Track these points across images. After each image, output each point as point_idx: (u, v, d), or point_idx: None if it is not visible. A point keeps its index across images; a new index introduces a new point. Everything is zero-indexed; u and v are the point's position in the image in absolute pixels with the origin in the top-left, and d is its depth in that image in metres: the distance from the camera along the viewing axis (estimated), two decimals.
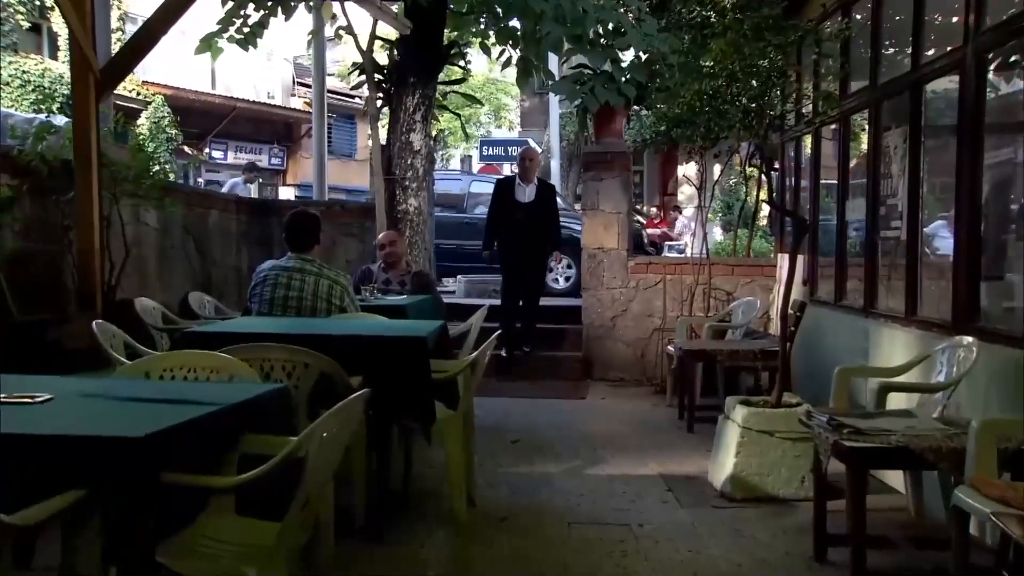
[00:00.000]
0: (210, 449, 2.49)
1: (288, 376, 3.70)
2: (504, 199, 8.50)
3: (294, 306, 4.82)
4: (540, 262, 8.68)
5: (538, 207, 8.37)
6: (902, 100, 5.60)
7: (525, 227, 8.32)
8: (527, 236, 8.33)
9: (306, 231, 4.99)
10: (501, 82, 30.92)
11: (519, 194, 8.41)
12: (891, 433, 3.39)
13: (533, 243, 8.42)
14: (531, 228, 8.34)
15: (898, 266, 5.66)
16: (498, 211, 8.55)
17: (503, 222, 8.45)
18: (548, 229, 8.47)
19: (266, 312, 4.81)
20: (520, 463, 5.51)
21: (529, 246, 8.40)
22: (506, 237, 8.43)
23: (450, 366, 4.54)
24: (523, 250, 8.39)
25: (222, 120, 23.53)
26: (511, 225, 8.37)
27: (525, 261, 8.48)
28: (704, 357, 6.60)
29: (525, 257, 8.45)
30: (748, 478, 4.73)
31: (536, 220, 8.33)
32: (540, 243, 8.47)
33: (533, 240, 8.40)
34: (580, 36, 7.55)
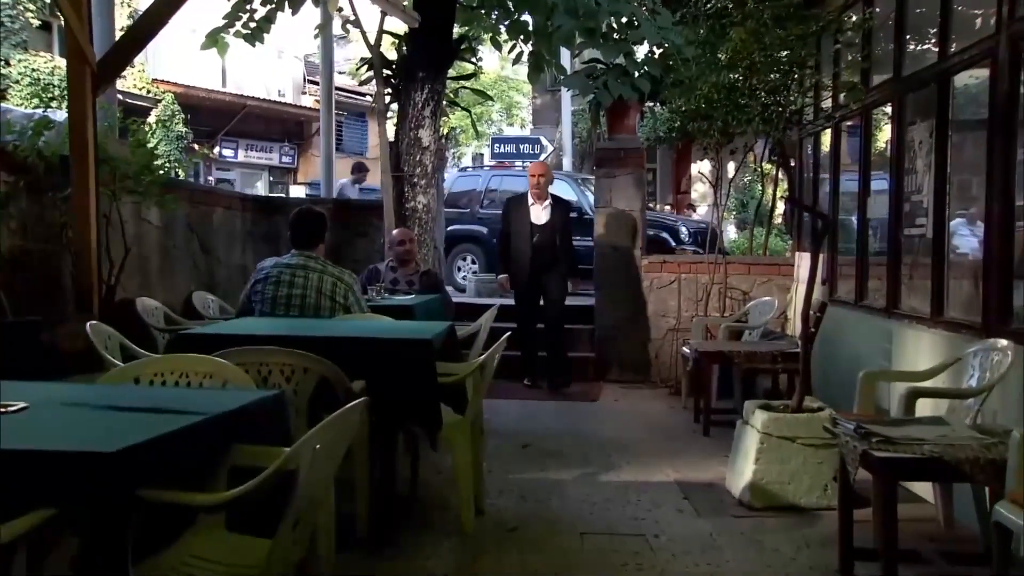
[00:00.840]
0: (197, 462, 2.32)
1: (287, 381, 3.53)
2: (515, 220, 7.89)
3: (297, 304, 4.68)
4: (559, 289, 7.87)
5: (553, 228, 7.78)
6: (928, 93, 5.40)
7: (540, 250, 7.74)
8: (543, 260, 7.74)
9: (311, 229, 4.92)
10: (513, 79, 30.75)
11: (533, 214, 7.82)
12: (923, 442, 3.20)
13: (550, 268, 7.78)
14: (547, 251, 7.75)
15: (923, 265, 5.45)
16: (509, 233, 7.95)
17: (515, 246, 7.87)
18: (562, 251, 7.82)
19: (268, 311, 4.66)
20: (531, 469, 5.33)
21: (545, 271, 7.79)
22: (519, 262, 7.83)
23: (458, 369, 4.37)
24: (538, 276, 7.79)
25: (232, 118, 23.41)
26: (524, 249, 7.78)
27: (542, 288, 7.86)
28: (721, 359, 6.40)
29: (541, 284, 7.83)
30: (768, 486, 4.53)
31: (552, 241, 7.74)
32: (558, 268, 7.80)
33: (550, 264, 7.77)
34: (593, 30, 7.36)
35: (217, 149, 23.97)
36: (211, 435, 2.37)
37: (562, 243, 7.80)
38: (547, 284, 7.81)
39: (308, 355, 3.52)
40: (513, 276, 7.93)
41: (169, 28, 5.86)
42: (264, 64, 25.65)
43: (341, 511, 3.63)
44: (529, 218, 7.78)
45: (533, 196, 7.85)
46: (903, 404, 3.76)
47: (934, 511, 4.15)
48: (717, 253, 8.19)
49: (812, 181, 7.85)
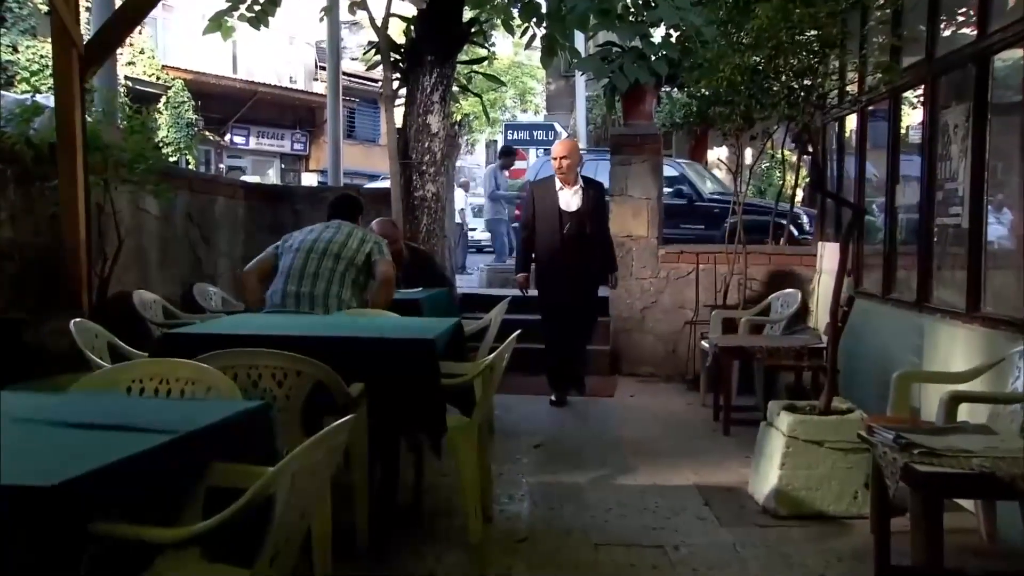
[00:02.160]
0: (166, 486, 2.08)
1: (278, 385, 3.30)
2: (541, 207, 6.80)
3: (322, 248, 4.86)
4: (591, 288, 6.90)
5: (587, 215, 6.71)
6: (964, 74, 5.10)
7: (571, 242, 6.65)
8: (574, 255, 6.65)
9: (348, 206, 5.32)
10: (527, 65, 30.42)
11: (562, 200, 6.72)
12: (971, 455, 2.92)
13: (581, 263, 6.70)
14: (579, 244, 6.66)
15: (957, 256, 5.16)
16: (536, 223, 6.83)
17: (541, 238, 6.79)
18: (597, 244, 6.81)
19: (296, 253, 4.85)
20: (542, 471, 5.08)
21: (577, 268, 6.68)
22: (546, 258, 6.76)
23: (465, 369, 4.12)
24: (569, 273, 6.67)
25: (243, 105, 23.24)
26: (552, 242, 6.69)
27: (572, 287, 6.71)
28: (741, 354, 6.13)
29: (572, 282, 6.69)
30: (794, 493, 4.27)
31: (586, 231, 6.69)
32: (590, 263, 6.77)
33: (581, 260, 6.69)
34: (608, 11, 7.06)
35: (228, 136, 23.81)
36: (184, 456, 2.13)
37: (597, 233, 6.83)
38: (578, 281, 6.76)
39: (301, 357, 3.28)
40: (540, 274, 6.90)
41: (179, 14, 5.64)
42: (275, 50, 25.45)
43: (340, 520, 3.41)
44: (558, 204, 6.72)
45: (560, 180, 6.81)
46: (944, 410, 3.48)
47: (974, 522, 3.88)
48: (736, 243, 7.89)
49: (836, 168, 7.55)
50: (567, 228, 6.66)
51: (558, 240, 6.67)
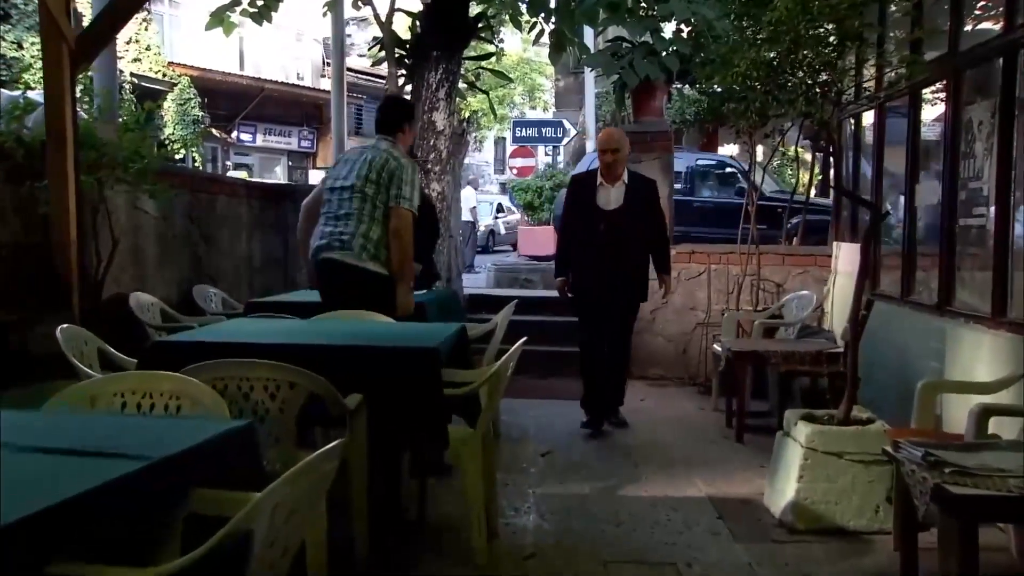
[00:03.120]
0: (141, 517, 1.91)
1: (271, 397, 3.13)
2: (580, 205, 6.05)
3: (349, 185, 4.65)
4: (628, 299, 6.05)
5: (628, 216, 5.89)
6: (990, 69, 4.90)
7: (609, 245, 5.86)
8: (612, 258, 5.87)
9: (389, 113, 4.90)
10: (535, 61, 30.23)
11: (600, 198, 5.93)
12: (1007, 475, 2.73)
13: (621, 267, 5.92)
14: (618, 246, 5.87)
15: (982, 258, 4.96)
16: (572, 222, 6.12)
17: (579, 239, 6.04)
18: (646, 246, 6.02)
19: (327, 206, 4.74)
20: (550, 482, 4.90)
21: (615, 272, 5.90)
22: (580, 262, 6.03)
23: (470, 376, 3.95)
24: (607, 278, 5.91)
25: (250, 102, 23.09)
26: (590, 243, 5.93)
27: (610, 293, 5.94)
28: (756, 359, 5.93)
29: (610, 288, 5.92)
30: (813, 506, 4.08)
31: (626, 234, 5.87)
32: (631, 267, 5.97)
33: (621, 263, 5.91)
34: (618, 5, 6.87)
35: (235, 133, 23.68)
36: (160, 483, 1.96)
37: (650, 235, 6.01)
38: (613, 291, 5.94)
39: (295, 368, 3.11)
40: (575, 279, 6.13)
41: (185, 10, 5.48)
42: (283, 47, 25.32)
43: (340, 534, 3.25)
44: (594, 203, 5.93)
45: (603, 174, 5.96)
46: (974, 423, 3.29)
47: (1004, 539, 3.70)
48: (750, 243, 7.70)
49: (853, 165, 7.34)
50: (603, 229, 5.87)
51: (593, 242, 5.91)
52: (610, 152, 5.89)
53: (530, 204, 16.30)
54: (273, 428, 3.16)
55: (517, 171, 20.08)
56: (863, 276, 4.27)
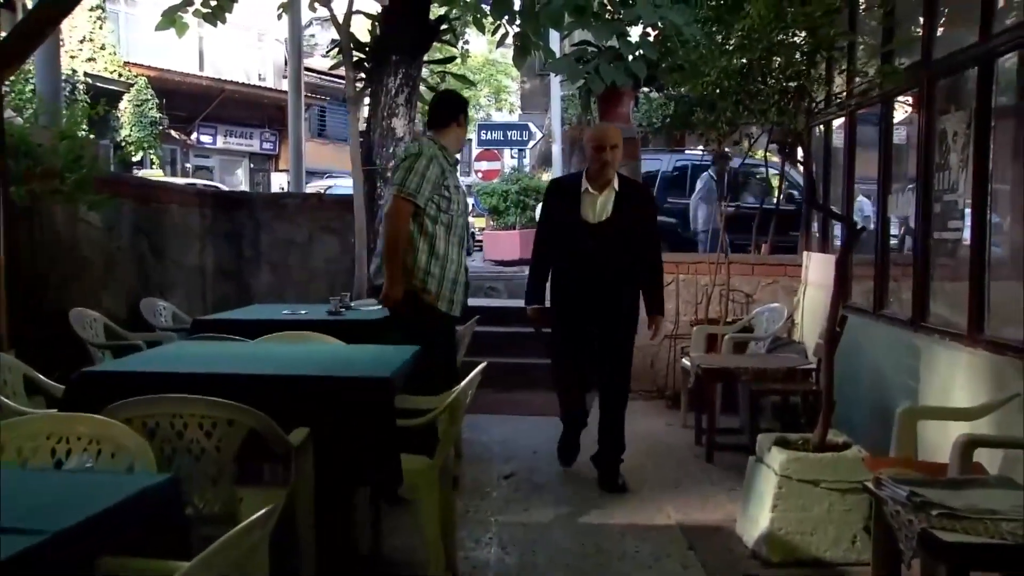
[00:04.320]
0: None
1: (207, 436, 2.87)
2: (561, 218, 5.04)
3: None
4: (624, 328, 5.01)
5: (621, 230, 4.90)
6: (966, 78, 4.76)
7: (597, 266, 4.90)
8: (601, 282, 4.91)
9: (438, 109, 4.77)
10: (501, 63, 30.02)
11: (586, 208, 4.94)
12: (998, 518, 2.55)
13: (609, 298, 4.93)
14: (608, 267, 4.90)
15: (958, 273, 4.83)
16: (551, 239, 5.10)
17: (560, 259, 5.06)
18: (639, 270, 5.00)
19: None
20: (513, 508, 4.68)
21: (606, 301, 4.92)
22: (563, 284, 5.07)
23: (427, 403, 3.72)
24: (595, 309, 4.93)
25: (210, 103, 22.63)
26: (571, 263, 4.98)
27: (599, 329, 4.98)
28: (726, 376, 5.76)
29: (599, 322, 4.96)
30: (788, 537, 3.90)
31: (618, 252, 4.91)
32: (623, 299, 4.97)
33: (609, 293, 4.92)
34: (583, 8, 6.68)
35: (195, 135, 23.22)
36: (60, 557, 1.71)
37: (641, 254, 4.98)
38: (607, 320, 4.96)
39: (232, 404, 2.86)
40: (554, 308, 5.12)
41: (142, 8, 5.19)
42: (244, 47, 24.88)
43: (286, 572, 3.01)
44: (579, 213, 4.93)
45: (591, 179, 4.97)
46: (958, 456, 3.11)
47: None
48: (719, 252, 7.53)
49: (823, 175, 7.20)
50: (591, 246, 4.87)
51: (577, 263, 4.92)
52: (609, 149, 4.85)
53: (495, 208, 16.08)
54: (210, 468, 2.91)
55: (483, 174, 19.84)
56: (837, 298, 4.09)
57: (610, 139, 4.91)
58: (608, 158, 4.86)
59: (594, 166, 4.93)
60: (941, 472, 3.23)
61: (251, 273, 7.84)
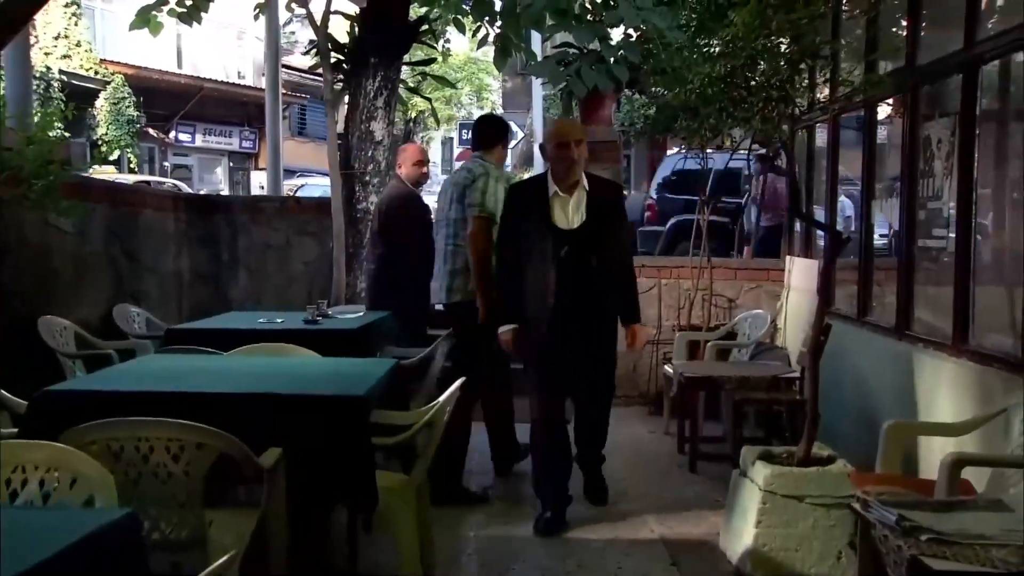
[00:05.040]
0: None
1: (174, 459, 2.77)
2: (528, 225, 4.44)
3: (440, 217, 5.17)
4: (604, 347, 4.59)
5: (596, 237, 4.40)
6: (950, 84, 4.71)
7: (571, 279, 4.35)
8: (576, 297, 4.36)
9: (480, 130, 5.24)
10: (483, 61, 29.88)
11: (557, 213, 4.41)
12: (988, 543, 2.49)
13: (586, 312, 4.42)
14: (581, 282, 4.37)
15: (942, 282, 4.78)
16: (512, 248, 4.50)
17: (528, 272, 4.44)
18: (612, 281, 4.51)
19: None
20: (492, 522, 4.59)
21: (578, 319, 4.39)
22: (534, 303, 4.43)
23: (403, 418, 3.63)
24: (567, 327, 4.38)
25: (189, 101, 22.40)
26: (540, 279, 4.38)
27: (572, 349, 4.44)
28: (709, 384, 5.70)
29: (572, 342, 4.42)
30: (772, 554, 3.83)
31: (592, 265, 4.40)
32: (602, 312, 4.53)
33: (586, 307, 4.41)
34: (565, 10, 6.59)
35: (173, 134, 22.98)
36: None
37: (613, 264, 4.50)
38: (584, 339, 4.45)
39: (201, 427, 2.75)
40: (527, 327, 4.50)
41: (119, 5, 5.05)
42: (223, 45, 24.66)
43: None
44: (550, 220, 4.40)
45: (558, 180, 4.43)
46: (947, 476, 3.05)
47: None
48: (702, 256, 7.47)
49: (806, 177, 7.15)
50: (563, 256, 4.34)
51: (549, 276, 4.34)
52: (573, 145, 4.34)
53: None
54: (178, 492, 2.81)
55: None
56: (823, 308, 4.03)
57: (574, 134, 4.47)
58: (574, 155, 4.35)
59: (560, 166, 4.41)
60: (928, 490, 3.17)
61: (228, 278, 7.71)
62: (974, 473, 3.40)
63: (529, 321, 4.47)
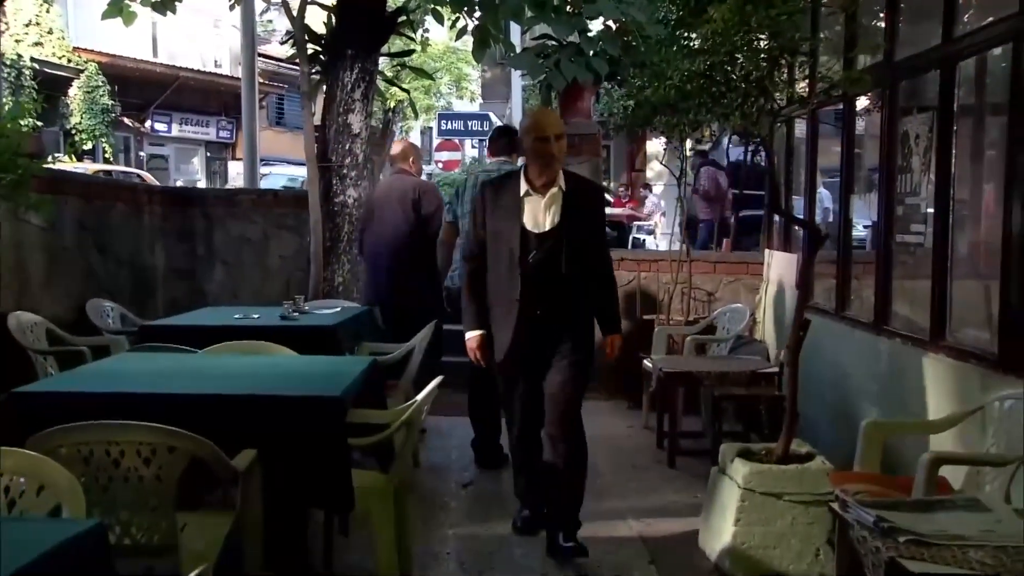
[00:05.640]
0: None
1: (146, 463, 2.72)
2: (493, 224, 4.08)
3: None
4: (576, 362, 4.03)
5: (571, 240, 3.97)
6: (928, 80, 4.71)
7: (541, 285, 3.95)
8: (548, 306, 3.97)
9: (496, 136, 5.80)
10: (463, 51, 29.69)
11: (528, 214, 3.99)
12: (966, 543, 2.49)
13: (561, 321, 4.00)
14: (554, 287, 3.96)
15: (920, 278, 4.79)
16: (481, 250, 4.13)
17: (494, 276, 4.09)
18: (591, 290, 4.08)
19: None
20: (471, 520, 4.57)
21: (552, 328, 4.00)
22: (502, 310, 4.06)
23: (381, 417, 3.60)
24: (538, 337, 4.00)
25: (165, 90, 22.12)
26: (509, 284, 4.00)
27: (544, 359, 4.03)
28: (688, 380, 5.69)
29: (547, 352, 4.01)
30: (751, 551, 3.83)
31: (569, 267, 3.95)
32: (576, 320, 4.05)
33: (560, 314, 3.99)
34: (543, 2, 6.56)
35: (149, 123, 22.70)
36: None
37: (589, 271, 4.05)
38: (555, 353, 4.01)
39: (173, 430, 2.71)
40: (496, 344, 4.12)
41: None
42: (199, 33, 24.37)
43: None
44: (519, 221, 3.99)
45: (533, 177, 4.03)
46: (925, 474, 3.05)
47: None
48: (680, 249, 7.47)
49: (785, 168, 7.15)
50: (532, 260, 3.94)
51: (517, 281, 3.96)
52: (553, 139, 3.95)
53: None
54: (148, 496, 2.77)
55: (443, 164, 19.67)
56: (803, 300, 4.02)
57: (554, 127, 4.02)
58: (554, 150, 3.95)
59: (537, 162, 4.00)
60: (906, 488, 3.18)
61: (204, 272, 7.63)
62: (951, 470, 3.41)
63: (495, 329, 4.11)
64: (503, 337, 4.07)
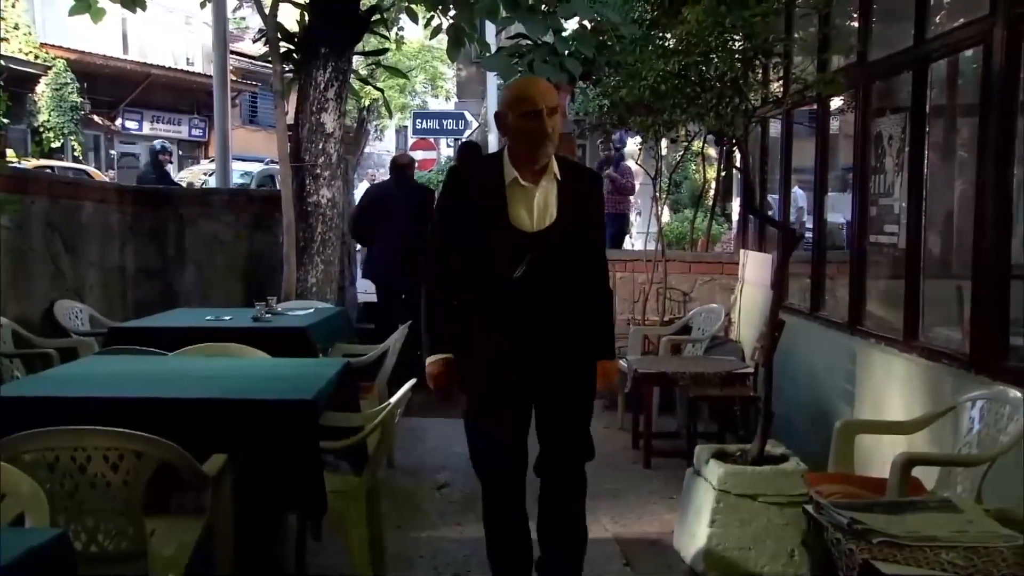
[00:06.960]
0: None
1: (113, 469, 2.67)
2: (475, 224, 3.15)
3: None
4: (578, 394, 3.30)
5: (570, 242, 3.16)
6: (901, 81, 4.74)
7: (534, 297, 3.11)
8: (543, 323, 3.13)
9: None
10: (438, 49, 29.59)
11: (517, 209, 3.12)
12: (938, 545, 2.50)
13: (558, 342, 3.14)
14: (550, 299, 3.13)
15: (893, 279, 4.83)
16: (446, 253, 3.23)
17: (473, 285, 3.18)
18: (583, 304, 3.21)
19: None
20: (446, 522, 4.54)
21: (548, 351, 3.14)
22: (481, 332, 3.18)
23: (353, 420, 3.56)
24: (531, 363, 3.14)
25: (136, 88, 21.88)
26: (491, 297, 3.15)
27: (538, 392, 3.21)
28: (664, 380, 5.69)
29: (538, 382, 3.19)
30: (726, 553, 3.83)
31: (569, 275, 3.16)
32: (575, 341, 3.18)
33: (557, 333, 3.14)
34: (518, 1, 6.53)
35: (120, 121, 22.45)
36: None
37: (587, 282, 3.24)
38: (551, 382, 3.21)
39: (140, 435, 2.66)
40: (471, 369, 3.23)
41: None
42: (170, 30, 24.14)
43: None
44: (506, 218, 3.13)
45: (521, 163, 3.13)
46: (898, 475, 3.06)
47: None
48: (656, 249, 7.48)
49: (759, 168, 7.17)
50: (524, 266, 3.09)
51: (502, 293, 3.12)
52: (545, 113, 3.03)
53: None
54: (116, 502, 2.71)
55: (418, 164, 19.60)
56: (777, 306, 4.02)
57: (546, 98, 3.08)
58: (547, 127, 3.03)
59: (525, 142, 3.09)
60: (880, 489, 3.19)
61: (175, 272, 7.53)
62: (924, 470, 3.43)
63: (470, 358, 3.19)
64: (477, 369, 3.18)
